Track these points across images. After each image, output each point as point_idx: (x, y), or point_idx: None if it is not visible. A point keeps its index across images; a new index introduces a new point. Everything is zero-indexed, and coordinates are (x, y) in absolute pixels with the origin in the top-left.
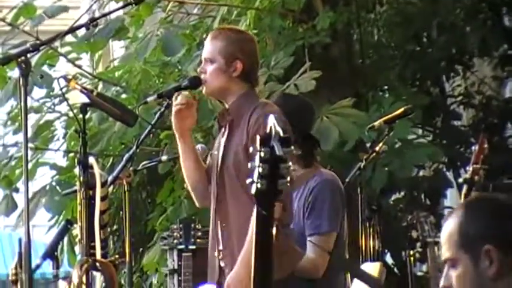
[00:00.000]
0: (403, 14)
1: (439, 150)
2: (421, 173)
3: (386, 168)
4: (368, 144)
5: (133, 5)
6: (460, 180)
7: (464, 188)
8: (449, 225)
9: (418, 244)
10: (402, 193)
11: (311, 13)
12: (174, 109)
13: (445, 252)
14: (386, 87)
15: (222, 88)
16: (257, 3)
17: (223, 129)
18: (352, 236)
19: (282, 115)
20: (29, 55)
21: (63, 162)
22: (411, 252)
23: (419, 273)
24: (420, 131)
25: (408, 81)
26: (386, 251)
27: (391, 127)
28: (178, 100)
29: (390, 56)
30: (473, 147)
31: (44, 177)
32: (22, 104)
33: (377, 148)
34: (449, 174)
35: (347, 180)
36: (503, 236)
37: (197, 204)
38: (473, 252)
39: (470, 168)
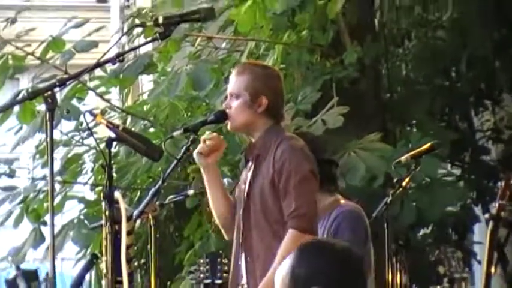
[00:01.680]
0: (431, 48)
1: (467, 190)
2: (449, 208)
3: (414, 204)
4: (395, 180)
5: (160, 40)
6: (487, 216)
7: (491, 224)
8: (283, 269)
9: (446, 279)
10: (430, 228)
11: (339, 48)
12: (199, 147)
13: None
14: (414, 122)
15: (247, 123)
16: (285, 38)
17: (249, 163)
18: (379, 271)
19: (307, 149)
20: (56, 89)
21: (91, 196)
22: None
23: None
24: (449, 166)
25: (436, 116)
26: (413, 286)
27: (418, 162)
28: (204, 137)
29: (418, 91)
30: (499, 183)
31: (72, 210)
32: (48, 139)
33: (403, 183)
34: (478, 209)
35: (374, 215)
36: (331, 277)
37: (225, 236)
38: None
39: (496, 205)
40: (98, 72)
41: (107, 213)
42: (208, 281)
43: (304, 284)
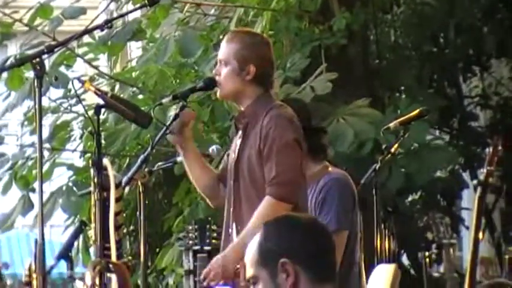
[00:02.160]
0: (420, 14)
1: (456, 154)
2: (437, 174)
3: (403, 170)
4: (384, 146)
5: (148, 6)
6: (475, 182)
7: (479, 190)
8: (252, 246)
9: (434, 245)
10: (418, 194)
11: (327, 14)
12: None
13: (248, 272)
14: (403, 88)
15: (235, 91)
16: (273, 4)
17: (240, 132)
18: (368, 238)
19: (295, 118)
20: (44, 56)
21: (80, 163)
22: (427, 254)
23: (435, 274)
24: (437, 132)
25: (425, 82)
26: (402, 252)
27: (406, 128)
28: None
29: (407, 57)
30: (487, 149)
31: (61, 177)
32: (36, 106)
33: (392, 149)
34: (466, 175)
35: (362, 181)
36: (297, 249)
37: (211, 205)
38: (271, 268)
39: (484, 171)
40: (86, 39)
41: (95, 180)
42: (197, 247)
43: (273, 258)
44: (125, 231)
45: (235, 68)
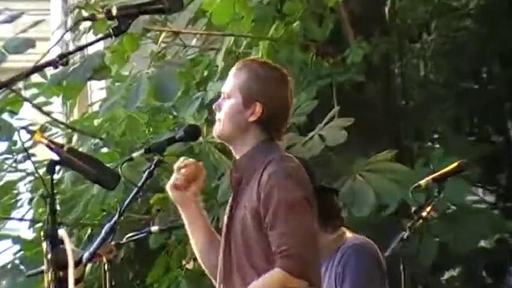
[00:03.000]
0: (455, 42)
1: (503, 221)
2: (480, 244)
3: (437, 239)
4: (413, 209)
5: (114, 36)
6: None
7: None
8: None
9: None
10: (457, 270)
11: (340, 44)
12: (173, 178)
13: None
14: (435, 136)
15: (233, 132)
16: (271, 31)
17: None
18: None
19: (303, 172)
20: None
21: (29, 235)
22: None
23: None
24: (480, 192)
25: (463, 128)
26: None
27: (441, 187)
28: (178, 164)
29: (440, 96)
30: None
31: (5, 253)
32: None
33: (424, 213)
34: None
35: (387, 253)
36: None
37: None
38: None
39: None
40: (36, 78)
41: (49, 256)
42: None
43: None
44: None
45: (238, 103)
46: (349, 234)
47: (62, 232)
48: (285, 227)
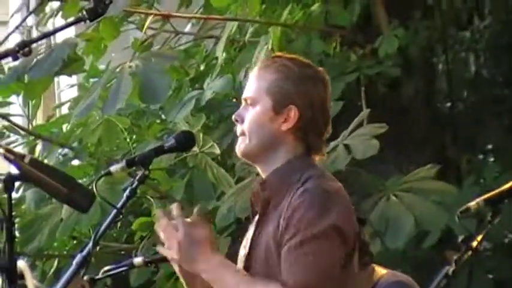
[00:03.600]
0: None
1: None
2: None
3: (491, 276)
4: (460, 238)
5: (88, 21)
6: None
7: None
8: None
9: None
10: None
11: (370, 32)
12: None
13: None
14: (489, 147)
15: (264, 146)
16: (285, 16)
17: (256, 217)
18: None
19: (342, 194)
20: None
21: None
22: None
23: None
24: None
25: None
26: None
27: (496, 210)
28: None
29: (496, 98)
30: None
31: None
32: None
33: (474, 243)
34: None
35: None
36: None
37: None
38: None
39: None
40: None
41: None
42: None
43: None
44: None
45: (267, 109)
46: (382, 270)
47: (22, 264)
48: (298, 259)
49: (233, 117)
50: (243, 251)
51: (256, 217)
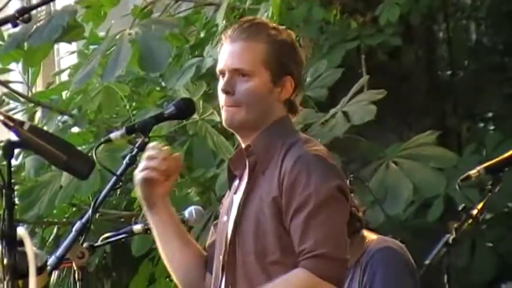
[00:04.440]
0: None
1: None
2: None
3: (492, 245)
4: (460, 207)
5: None
6: None
7: None
8: None
9: None
10: None
11: None
12: (139, 171)
13: None
14: (490, 115)
15: (263, 116)
16: None
17: (236, 182)
18: None
19: (331, 157)
20: None
21: None
22: None
23: None
24: None
25: None
26: None
27: (497, 178)
28: (148, 154)
29: (496, 67)
30: None
31: None
32: None
33: (475, 211)
34: None
35: (427, 262)
36: None
37: None
38: None
39: None
40: None
41: (5, 261)
42: None
43: None
44: None
45: (266, 81)
46: (372, 236)
47: (21, 231)
48: (315, 223)
49: (223, 88)
50: (224, 217)
51: (236, 184)
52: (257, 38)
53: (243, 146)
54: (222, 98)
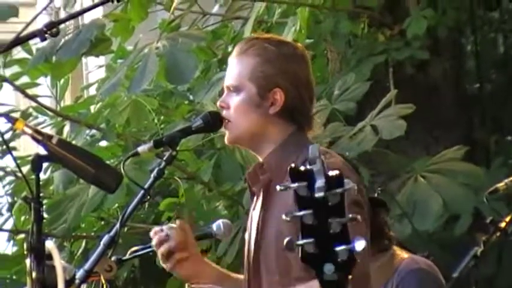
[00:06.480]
0: None
1: None
2: None
3: None
4: (488, 220)
5: (116, 1)
6: None
7: None
8: None
9: None
10: None
11: (398, 12)
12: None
13: None
14: None
15: (252, 132)
16: None
17: (254, 198)
18: None
19: (349, 168)
20: None
21: (8, 249)
22: None
23: None
24: None
25: None
26: None
27: None
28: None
29: None
30: None
31: None
32: None
33: (503, 224)
34: None
35: (455, 275)
36: None
37: None
38: None
39: None
40: (19, 53)
41: (33, 275)
42: None
43: None
44: None
45: (252, 95)
46: (404, 254)
47: (50, 245)
48: None
49: (218, 104)
50: (246, 235)
51: (255, 198)
52: (247, 52)
53: (259, 162)
54: None
